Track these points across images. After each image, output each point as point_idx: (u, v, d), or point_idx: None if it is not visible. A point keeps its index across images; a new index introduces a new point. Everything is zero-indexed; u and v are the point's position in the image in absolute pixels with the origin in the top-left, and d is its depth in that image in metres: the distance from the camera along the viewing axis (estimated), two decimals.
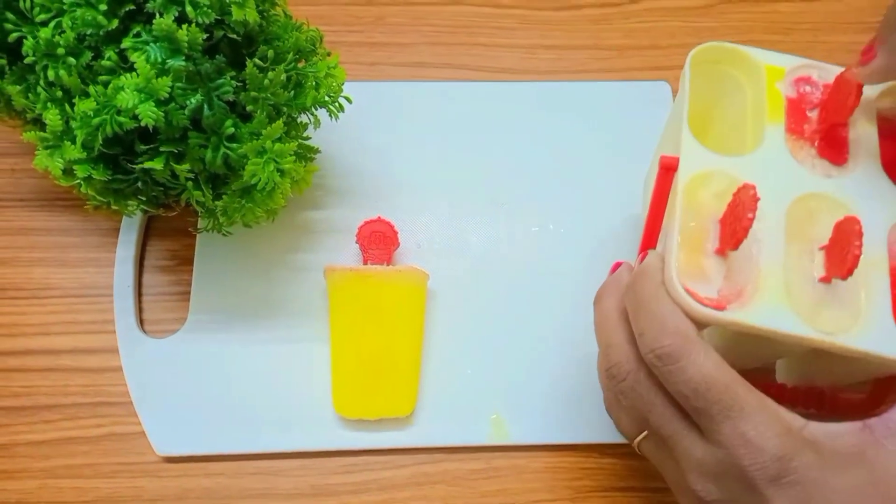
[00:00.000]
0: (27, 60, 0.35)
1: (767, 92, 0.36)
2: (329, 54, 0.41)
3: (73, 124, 0.34)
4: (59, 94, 0.35)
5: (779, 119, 0.35)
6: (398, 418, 0.42)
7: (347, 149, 0.49)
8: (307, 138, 0.42)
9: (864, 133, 0.36)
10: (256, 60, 0.36)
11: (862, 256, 0.31)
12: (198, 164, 0.36)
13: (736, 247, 0.30)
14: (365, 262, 0.44)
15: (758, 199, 0.29)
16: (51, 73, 0.34)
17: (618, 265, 0.36)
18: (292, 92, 0.38)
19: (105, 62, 0.34)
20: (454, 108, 0.51)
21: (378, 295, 0.43)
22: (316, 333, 0.44)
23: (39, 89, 0.35)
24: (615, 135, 0.51)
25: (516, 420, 0.43)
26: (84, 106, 0.34)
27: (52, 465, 0.41)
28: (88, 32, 0.34)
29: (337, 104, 0.40)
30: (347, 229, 0.45)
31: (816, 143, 0.34)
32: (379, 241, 0.44)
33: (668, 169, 0.33)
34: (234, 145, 0.35)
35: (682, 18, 0.56)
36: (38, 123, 0.37)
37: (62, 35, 0.34)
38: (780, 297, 0.31)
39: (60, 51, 0.34)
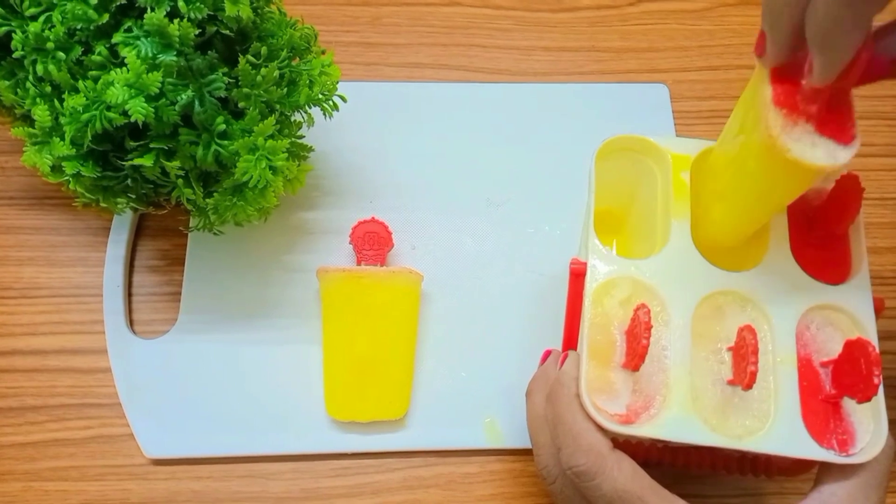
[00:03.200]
0: (16, 55, 0.34)
1: (673, 183, 0.36)
2: (323, 52, 0.40)
3: (63, 120, 0.34)
4: (49, 89, 0.35)
5: (684, 213, 0.35)
6: (391, 421, 0.42)
7: (342, 149, 0.49)
8: (301, 137, 0.42)
9: (775, 223, 0.35)
10: (249, 57, 0.35)
11: (770, 354, 0.32)
12: (188, 162, 0.35)
13: (636, 369, 0.31)
14: (358, 263, 0.44)
15: (650, 327, 0.30)
16: (40, 68, 0.34)
17: (547, 353, 0.38)
18: (285, 89, 0.37)
19: (95, 57, 0.33)
20: (450, 110, 0.51)
21: (371, 296, 0.42)
22: (308, 335, 0.43)
23: (28, 85, 0.35)
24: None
25: (510, 423, 0.42)
26: (73, 101, 0.33)
27: (38, 468, 0.41)
28: (79, 27, 0.33)
29: (331, 103, 0.40)
30: (341, 230, 0.45)
31: (815, 118, 0.28)
32: (373, 242, 0.44)
33: (577, 275, 0.34)
34: (226, 142, 0.35)
35: (680, 21, 0.56)
36: (27, 120, 0.37)
37: (52, 30, 0.33)
38: (688, 407, 0.31)
39: (50, 45, 0.33)
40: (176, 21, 0.33)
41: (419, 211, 0.47)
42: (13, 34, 0.34)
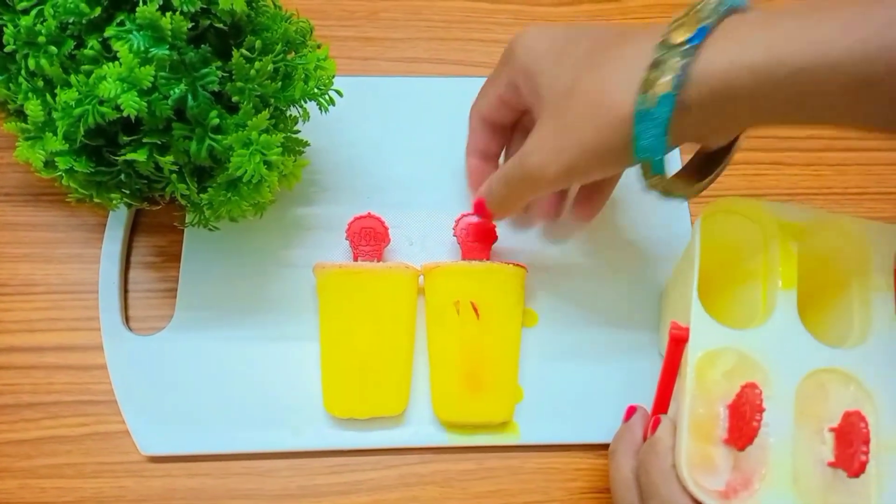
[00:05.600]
0: (7, 49, 0.34)
1: (780, 251, 0.35)
2: (319, 46, 0.40)
3: (55, 115, 0.33)
4: (41, 84, 0.34)
5: (791, 283, 0.34)
6: (389, 417, 0.42)
7: (339, 145, 0.48)
8: (297, 132, 0.41)
9: (881, 301, 0.34)
10: (243, 51, 0.35)
11: (874, 438, 0.31)
12: (182, 157, 0.35)
13: (742, 449, 0.30)
14: (355, 259, 0.43)
15: (763, 410, 0.30)
16: (32, 63, 0.33)
17: (632, 410, 0.37)
18: (280, 83, 0.37)
19: (87, 51, 0.33)
20: (448, 104, 0.50)
21: (368, 292, 0.42)
22: (305, 331, 0.43)
23: (21, 79, 0.34)
24: None
25: None
26: (66, 96, 0.33)
27: (34, 465, 0.41)
28: (71, 21, 0.33)
29: (327, 97, 0.39)
30: (338, 226, 0.44)
31: None
32: (369, 238, 0.43)
33: (678, 341, 0.33)
34: (220, 137, 0.34)
35: None
36: (20, 115, 0.36)
37: (44, 24, 0.33)
38: (788, 487, 0.31)
39: (42, 39, 0.33)
40: (168, 14, 0.32)
41: (416, 206, 0.47)
42: (4, 28, 0.34)
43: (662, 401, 0.36)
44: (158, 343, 0.43)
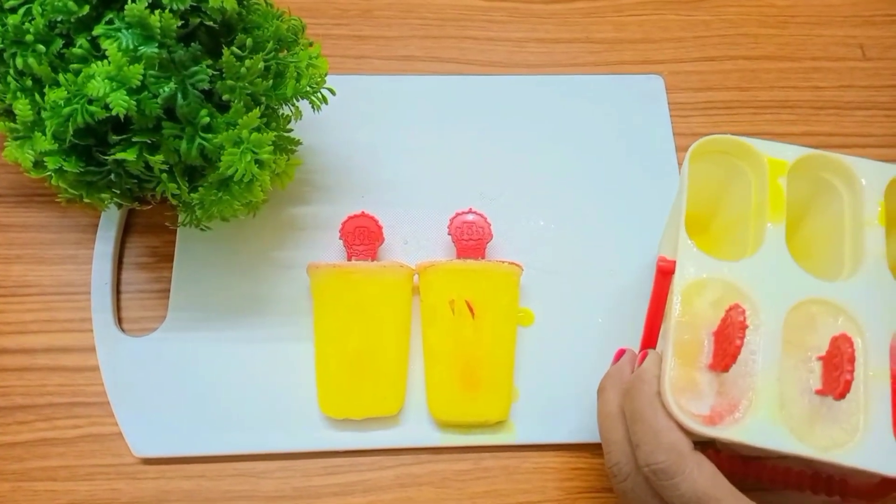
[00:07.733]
0: None
1: (769, 187, 0.35)
2: (311, 44, 0.40)
3: (44, 114, 0.33)
4: (30, 83, 0.34)
5: (779, 218, 0.35)
6: (384, 418, 0.41)
7: (333, 144, 0.48)
8: (289, 131, 0.41)
9: (872, 235, 0.35)
10: (234, 49, 0.35)
11: (862, 367, 0.31)
12: (173, 156, 0.34)
13: (726, 370, 0.30)
14: (349, 258, 0.43)
15: (746, 327, 0.30)
16: (20, 62, 0.33)
17: (621, 353, 0.37)
18: (271, 81, 0.37)
19: (76, 50, 0.33)
20: (442, 102, 0.50)
21: (363, 291, 0.42)
22: (300, 331, 0.43)
23: (9, 79, 0.34)
24: (606, 128, 0.50)
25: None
26: (55, 95, 0.33)
27: (27, 468, 0.40)
28: (59, 19, 0.33)
29: (319, 95, 0.39)
30: (332, 225, 0.44)
31: None
32: (363, 237, 0.43)
33: (664, 273, 0.33)
34: (210, 135, 0.34)
35: (676, 11, 0.55)
36: (9, 115, 0.36)
37: (32, 22, 0.33)
38: (774, 413, 0.30)
39: (30, 38, 0.33)
40: (157, 12, 0.32)
41: (411, 205, 0.47)
42: None
43: (650, 335, 0.36)
44: (151, 344, 0.43)
